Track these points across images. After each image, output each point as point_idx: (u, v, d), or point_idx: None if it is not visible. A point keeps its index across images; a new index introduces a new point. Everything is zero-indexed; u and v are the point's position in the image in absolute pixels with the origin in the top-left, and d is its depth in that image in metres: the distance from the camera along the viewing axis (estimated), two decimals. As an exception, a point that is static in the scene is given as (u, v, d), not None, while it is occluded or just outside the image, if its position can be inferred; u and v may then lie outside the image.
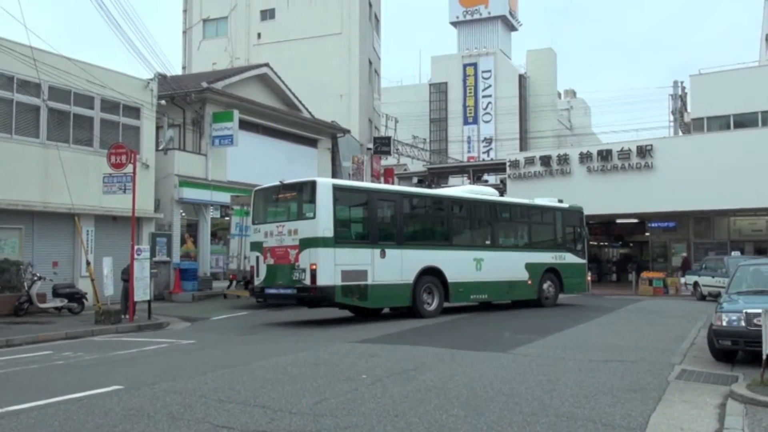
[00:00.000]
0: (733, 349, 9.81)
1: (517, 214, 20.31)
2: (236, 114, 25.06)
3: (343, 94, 36.66)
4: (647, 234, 35.89)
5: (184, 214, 24.74)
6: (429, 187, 39.13)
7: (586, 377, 8.56)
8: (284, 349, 11.17)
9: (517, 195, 26.14)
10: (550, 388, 7.88)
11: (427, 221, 17.89)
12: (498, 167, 42.42)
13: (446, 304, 17.30)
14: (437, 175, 45.40)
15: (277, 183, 16.08)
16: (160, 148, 23.66)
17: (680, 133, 40.69)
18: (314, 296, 14.55)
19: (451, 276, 16.94)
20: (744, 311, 9.55)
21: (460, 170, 47.89)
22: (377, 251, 15.46)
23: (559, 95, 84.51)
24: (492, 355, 10.26)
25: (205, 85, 24.99)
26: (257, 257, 15.89)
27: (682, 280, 27.51)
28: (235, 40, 39.20)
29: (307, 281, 14.44)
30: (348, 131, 33.68)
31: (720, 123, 35.28)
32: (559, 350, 10.87)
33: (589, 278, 22.51)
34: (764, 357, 8.24)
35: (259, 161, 26.95)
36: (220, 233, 25.79)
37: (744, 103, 33.74)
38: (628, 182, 29.89)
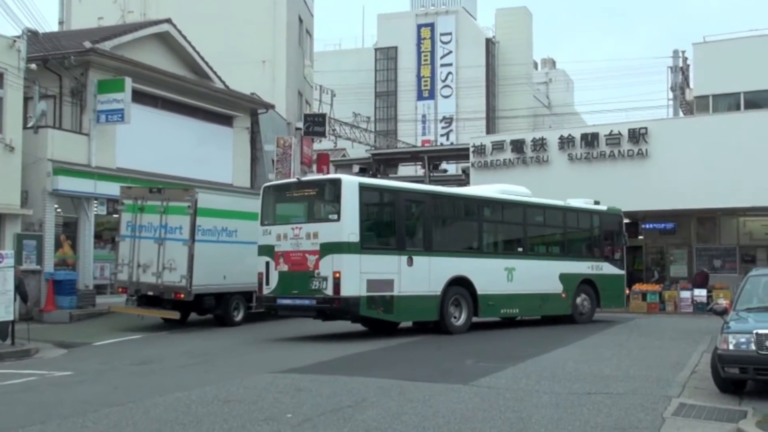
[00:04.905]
0: (741, 378, 10.10)
1: (551, 218, 22.07)
2: (128, 82, 24.63)
3: (265, 59, 36.37)
4: (640, 237, 36.64)
5: (59, 210, 24.24)
6: (374, 176, 39.23)
7: (564, 414, 8.70)
8: (187, 382, 11.08)
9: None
10: (520, 427, 7.98)
11: (456, 225, 19.79)
12: (460, 153, 42.70)
13: (474, 319, 18.80)
14: (384, 163, 45.49)
15: (294, 179, 17.88)
16: (30, 125, 23.09)
17: (681, 114, 41.67)
18: (337, 308, 16.02)
19: (481, 287, 18.54)
20: (755, 332, 9.83)
21: (413, 156, 48.10)
22: (404, 258, 16.97)
23: (536, 65, 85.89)
24: (450, 388, 10.34)
25: (88, 45, 24.47)
26: (267, 262, 17.19)
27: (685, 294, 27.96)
28: (127, -13, 38.47)
29: (329, 291, 15.85)
30: (272, 106, 33.45)
31: (729, 102, 36.16)
32: (532, 381, 11.03)
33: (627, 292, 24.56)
34: (777, 387, 8.50)
35: (159, 143, 26.54)
36: (106, 235, 25.34)
37: (757, 79, 34.61)
38: (618, 173, 30.40)
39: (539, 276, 20.50)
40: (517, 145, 32.70)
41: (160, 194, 20.73)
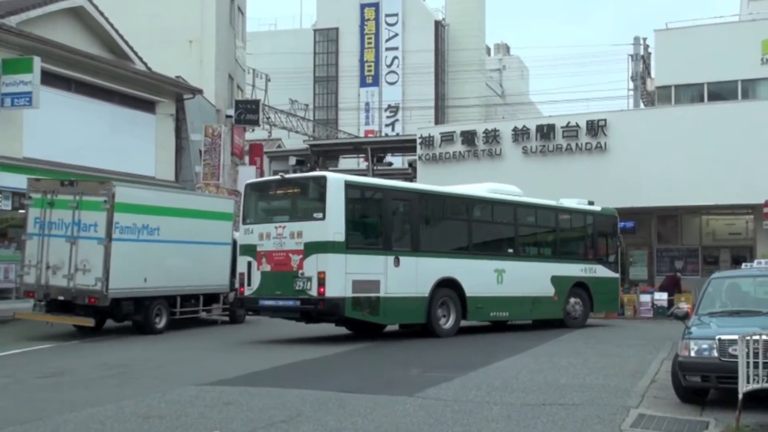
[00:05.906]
0: (703, 387, 10.31)
1: (543, 219, 23.31)
2: (37, 62, 24.27)
3: (192, 39, 36.06)
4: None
5: (-42, 205, 23.77)
6: (312, 169, 39.25)
7: (516, 427, 8.79)
8: (103, 397, 10.93)
9: (431, 182, 26.49)
10: (468, 442, 8.03)
11: (444, 225, 20.67)
12: (406, 145, 42.90)
13: (462, 322, 19.71)
14: (323, 155, 45.51)
15: (277, 176, 18.86)
16: (-76, 108, 22.61)
17: (641, 105, 42.42)
18: (322, 309, 16.92)
19: (470, 289, 19.46)
20: (717, 338, 10.03)
21: (355, 148, 48.23)
22: (391, 258, 17.92)
23: (488, 51, 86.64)
24: (394, 400, 10.37)
25: (-8, 20, 24.04)
26: (249, 262, 18.12)
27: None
28: (37, -43, 37.76)
29: (314, 292, 16.75)
30: (199, 91, 33.21)
31: (692, 93, 36.95)
32: (483, 391, 11.11)
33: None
34: (740, 396, 8.69)
35: (72, 131, 26.28)
36: (11, 232, 24.96)
37: (721, 69, 35.44)
38: (576, 168, 30.85)
39: (530, 278, 21.35)
40: (468, 137, 32.96)
41: (73, 187, 20.32)
